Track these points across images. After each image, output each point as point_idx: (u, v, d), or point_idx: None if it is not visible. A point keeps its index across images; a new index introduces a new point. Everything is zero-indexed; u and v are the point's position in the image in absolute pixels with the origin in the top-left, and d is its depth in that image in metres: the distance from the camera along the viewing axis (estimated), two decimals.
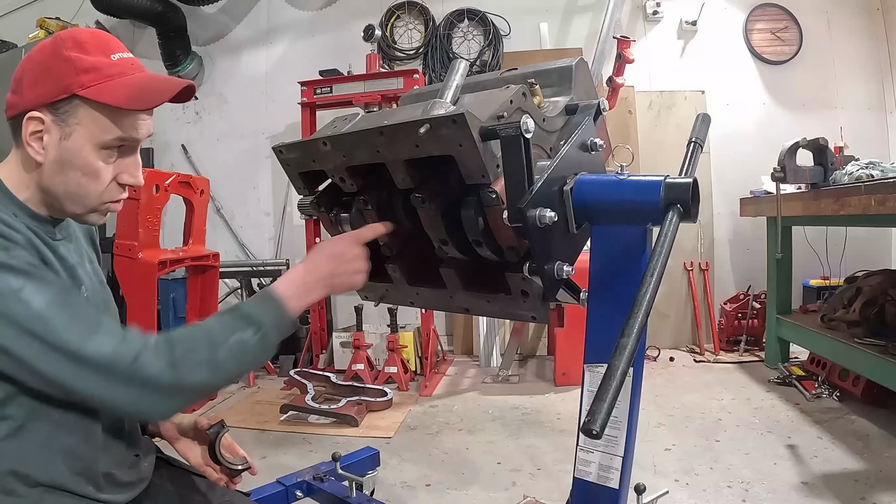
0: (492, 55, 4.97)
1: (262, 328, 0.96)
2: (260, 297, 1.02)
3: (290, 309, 1.01)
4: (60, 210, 1.00)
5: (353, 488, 1.83)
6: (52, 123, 0.93)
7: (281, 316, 1.00)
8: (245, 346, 0.94)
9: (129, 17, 5.01)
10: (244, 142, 5.28)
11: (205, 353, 0.91)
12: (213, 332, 0.94)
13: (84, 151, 0.95)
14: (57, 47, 0.94)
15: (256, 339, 0.95)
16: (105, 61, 0.94)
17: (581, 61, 1.30)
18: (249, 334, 0.95)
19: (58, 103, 0.92)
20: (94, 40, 0.96)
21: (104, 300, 1.13)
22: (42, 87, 0.93)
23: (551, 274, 1.03)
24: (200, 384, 0.92)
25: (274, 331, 0.98)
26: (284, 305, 1.00)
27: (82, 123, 0.93)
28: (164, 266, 3.19)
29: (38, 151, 0.94)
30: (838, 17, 4.88)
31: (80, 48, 0.94)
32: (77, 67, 0.92)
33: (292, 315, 1.02)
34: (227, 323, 0.96)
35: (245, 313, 0.97)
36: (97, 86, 0.92)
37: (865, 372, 2.98)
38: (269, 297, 1.01)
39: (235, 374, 0.98)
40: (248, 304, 1.00)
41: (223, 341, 0.93)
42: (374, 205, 1.20)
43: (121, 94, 0.93)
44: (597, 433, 0.71)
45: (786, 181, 3.28)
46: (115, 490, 1.05)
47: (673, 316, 4.69)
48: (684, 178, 0.99)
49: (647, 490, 1.69)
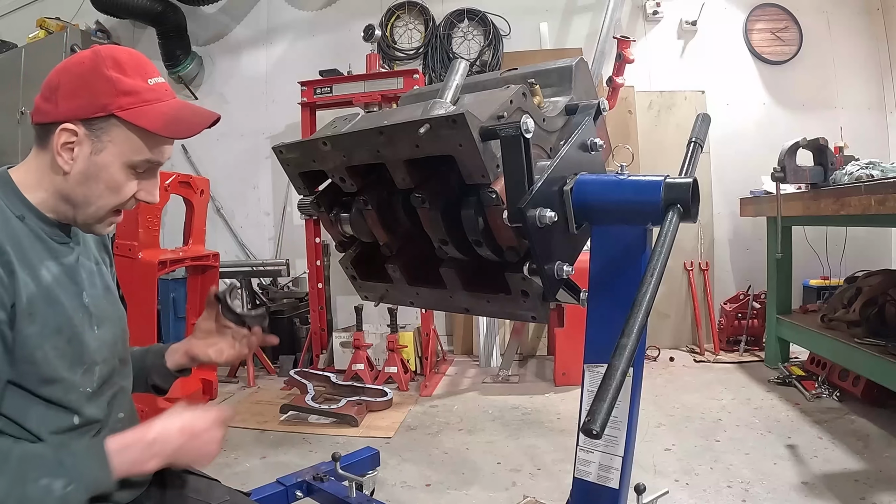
0: (492, 55, 4.97)
1: (72, 483, 0.88)
2: (91, 451, 0.94)
3: (115, 471, 0.93)
4: (71, 218, 1.02)
5: (353, 488, 1.83)
6: (86, 137, 0.96)
7: (102, 477, 0.92)
8: (50, 493, 0.87)
9: (129, 17, 5.01)
10: (244, 142, 5.29)
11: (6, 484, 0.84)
12: (27, 465, 0.87)
13: (112, 168, 0.98)
14: (97, 64, 0.96)
15: (63, 492, 0.87)
16: (143, 85, 0.98)
17: (581, 61, 1.30)
18: (60, 485, 0.87)
19: (94, 119, 0.96)
20: (133, 62, 0.99)
21: (111, 303, 1.13)
22: (80, 100, 0.95)
23: (551, 274, 1.03)
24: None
25: (85, 490, 0.90)
26: (110, 468, 0.92)
27: (115, 142, 0.97)
28: (164, 266, 3.19)
29: (67, 161, 0.97)
30: (838, 17, 4.88)
31: (120, 69, 0.97)
32: (117, 89, 0.96)
33: (114, 478, 0.93)
34: (46, 461, 0.89)
35: (66, 463, 0.89)
36: (135, 109, 0.96)
37: (865, 372, 2.98)
38: (99, 454, 0.93)
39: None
40: (76, 454, 0.92)
41: (31, 479, 0.86)
42: (374, 205, 1.20)
43: (158, 121, 0.97)
44: (597, 433, 0.71)
45: (786, 181, 3.28)
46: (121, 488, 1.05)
47: (673, 316, 4.69)
48: (684, 178, 0.99)
49: (647, 490, 1.69)
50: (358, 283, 1.40)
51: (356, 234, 1.30)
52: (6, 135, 4.96)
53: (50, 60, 4.94)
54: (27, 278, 0.94)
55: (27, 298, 0.93)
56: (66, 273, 1.02)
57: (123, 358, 1.15)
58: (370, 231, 1.26)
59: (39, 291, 0.95)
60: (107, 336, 1.08)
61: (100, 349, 1.05)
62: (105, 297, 1.12)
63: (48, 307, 0.96)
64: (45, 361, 0.94)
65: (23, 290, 0.93)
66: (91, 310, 1.05)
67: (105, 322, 1.09)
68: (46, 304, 0.96)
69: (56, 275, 1.00)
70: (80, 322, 1.02)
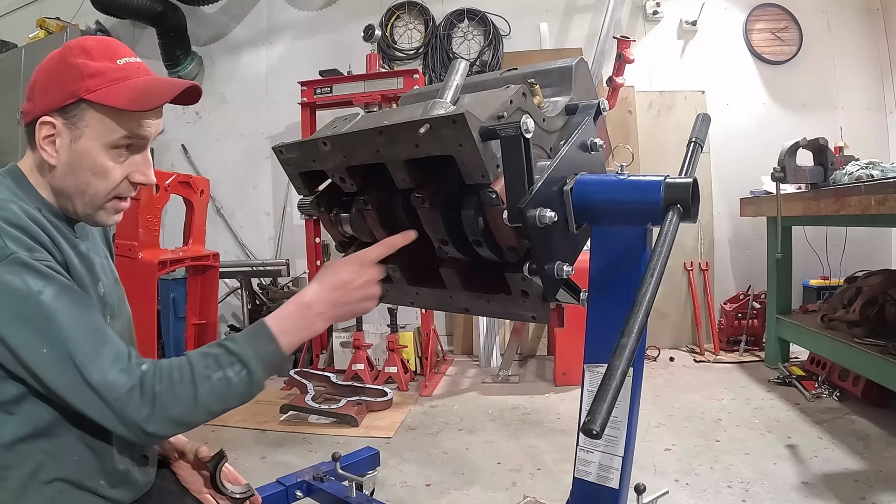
0: (492, 55, 4.97)
1: (247, 365, 0.93)
2: (251, 331, 0.98)
3: (282, 345, 0.97)
4: (73, 211, 1.03)
5: (353, 488, 1.83)
6: (63, 127, 0.97)
7: (270, 353, 0.96)
8: (229, 383, 0.92)
9: (129, 17, 5.01)
10: (244, 142, 5.29)
11: (186, 390, 0.90)
12: (197, 368, 0.92)
13: (93, 152, 0.98)
14: (64, 56, 0.98)
15: (242, 377, 0.93)
16: (110, 66, 0.98)
17: (581, 61, 1.30)
18: (234, 371, 0.92)
19: (67, 108, 0.97)
20: (100, 46, 1.00)
21: (119, 297, 1.15)
22: (52, 93, 0.97)
23: (551, 274, 1.03)
24: (181, 420, 0.91)
25: (261, 368, 0.95)
26: (276, 341, 0.97)
27: (90, 126, 0.98)
28: (164, 266, 3.19)
29: (51, 155, 0.98)
30: (838, 17, 4.88)
31: (87, 54, 0.98)
32: (83, 73, 0.96)
33: (284, 352, 0.98)
34: (212, 358, 0.93)
35: (231, 349, 0.94)
36: (102, 90, 0.96)
37: (865, 372, 2.98)
38: (260, 332, 0.97)
39: (219, 411, 0.95)
40: (238, 339, 0.96)
41: (206, 378, 0.91)
42: (374, 205, 1.20)
43: (124, 98, 0.97)
44: (597, 433, 0.71)
45: (786, 181, 3.28)
46: (126, 488, 1.07)
47: (673, 316, 4.69)
48: (684, 178, 0.99)
49: (647, 490, 1.69)
50: None
51: (356, 234, 1.30)
52: (6, 135, 4.95)
53: None
54: (65, 254, 0.97)
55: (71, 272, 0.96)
56: (82, 263, 1.03)
57: None
58: (370, 231, 1.25)
59: (74, 272, 0.98)
60: (117, 328, 1.09)
61: None
62: (116, 290, 1.14)
63: None
64: None
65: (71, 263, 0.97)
66: (106, 300, 1.07)
67: (117, 314, 1.11)
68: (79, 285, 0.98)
69: (77, 263, 1.01)
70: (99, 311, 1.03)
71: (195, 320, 3.65)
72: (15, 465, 0.92)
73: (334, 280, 1.03)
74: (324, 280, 1.03)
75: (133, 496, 1.09)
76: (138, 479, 1.10)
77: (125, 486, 1.06)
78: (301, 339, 1.01)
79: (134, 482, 1.09)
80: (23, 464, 0.92)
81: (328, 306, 1.02)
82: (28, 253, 0.88)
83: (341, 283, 1.03)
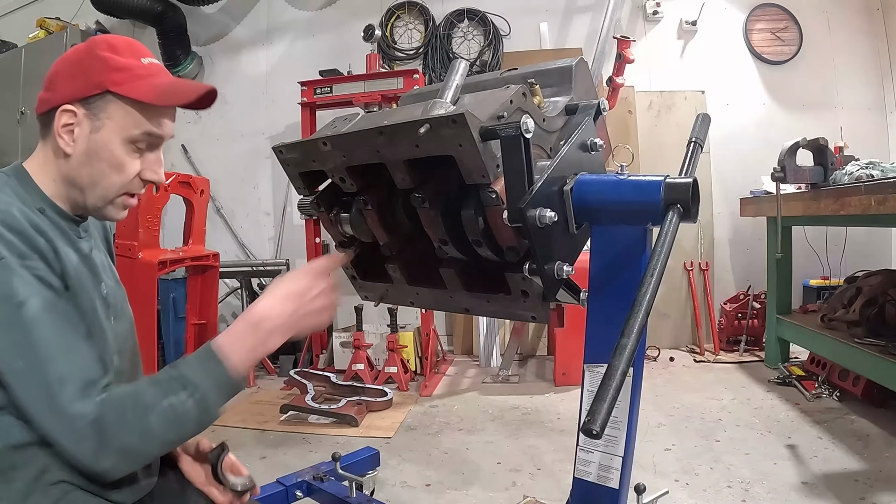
0: (492, 55, 4.97)
1: (198, 389, 0.89)
2: (201, 353, 0.94)
3: (234, 365, 0.93)
4: (82, 204, 1.03)
5: (353, 488, 1.84)
6: (84, 117, 0.98)
7: (222, 374, 0.92)
8: (178, 410, 0.88)
9: (129, 17, 5.01)
10: (244, 142, 5.29)
11: (138, 420, 0.87)
12: (148, 396, 0.88)
13: (112, 144, 0.99)
14: (91, 49, 1.00)
15: (192, 403, 0.89)
16: (136, 63, 1.01)
17: (581, 61, 1.30)
18: (185, 396, 0.88)
19: (90, 98, 0.98)
20: (126, 44, 1.03)
21: (122, 298, 1.15)
22: (76, 82, 0.98)
23: (551, 274, 1.03)
24: (134, 452, 0.89)
25: (213, 392, 0.91)
26: (225, 364, 0.92)
27: (112, 118, 0.99)
28: (164, 266, 3.19)
29: (68, 143, 0.99)
30: (838, 17, 4.88)
31: (113, 50, 1.00)
32: (110, 66, 0.98)
33: (237, 372, 0.93)
34: (163, 384, 0.90)
35: (181, 374, 0.91)
36: (129, 84, 0.98)
37: (865, 372, 2.97)
38: (210, 355, 0.93)
39: (175, 439, 0.93)
40: (188, 363, 0.93)
41: (156, 406, 0.88)
42: (374, 205, 1.20)
43: (151, 92, 0.99)
44: (597, 433, 0.71)
45: (786, 181, 3.28)
46: (128, 489, 1.07)
47: (673, 316, 4.68)
48: (684, 178, 0.99)
49: (647, 490, 1.69)
50: (358, 283, 1.40)
51: (356, 234, 1.30)
52: (6, 135, 4.96)
53: (50, 60, 4.91)
54: (63, 260, 0.96)
55: (72, 276, 0.96)
56: (85, 264, 1.03)
57: (134, 352, 1.17)
58: (370, 231, 1.26)
59: (74, 275, 0.98)
60: (121, 329, 1.10)
61: (116, 340, 1.07)
62: (118, 290, 1.14)
63: (81, 293, 0.98)
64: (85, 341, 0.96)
65: (68, 268, 0.96)
66: (109, 300, 1.07)
67: (120, 315, 1.11)
68: (80, 289, 0.98)
69: (78, 264, 1.01)
70: (102, 311, 1.04)
71: (195, 320, 3.66)
72: (22, 466, 0.92)
73: (287, 291, 0.99)
74: (275, 292, 0.99)
75: (135, 497, 1.09)
76: (140, 481, 1.10)
77: (128, 487, 1.06)
78: (256, 358, 0.96)
79: (136, 483, 1.09)
80: (29, 465, 0.92)
81: (281, 320, 0.97)
82: (19, 260, 0.87)
83: (295, 293, 0.99)
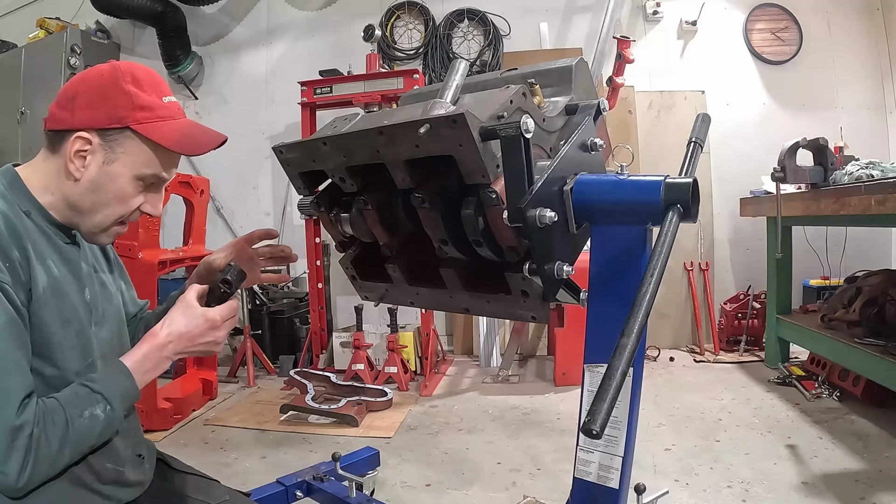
0: (492, 55, 4.97)
1: (110, 402, 0.96)
2: (111, 369, 1.01)
3: (138, 383, 1.01)
4: (75, 224, 1.05)
5: (353, 488, 1.83)
6: (99, 147, 0.99)
7: (128, 389, 1.00)
8: (95, 421, 0.94)
9: (129, 17, 5.01)
10: (244, 142, 5.28)
11: (60, 434, 0.90)
12: (68, 410, 0.92)
13: (122, 179, 1.02)
14: (116, 78, 1.00)
15: (105, 414, 0.95)
16: (159, 102, 1.03)
17: (581, 61, 1.30)
18: (100, 410, 0.95)
19: (109, 130, 0.99)
20: (150, 79, 1.04)
21: (107, 303, 1.14)
22: (98, 111, 0.99)
23: (551, 274, 1.03)
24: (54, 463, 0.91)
25: (120, 405, 0.98)
26: (132, 379, 1.00)
27: (128, 153, 1.01)
28: (164, 266, 3.19)
29: (78, 168, 1.00)
30: (838, 17, 4.88)
31: (138, 84, 1.01)
32: (135, 103, 0.99)
33: (138, 389, 1.02)
34: (79, 398, 0.95)
35: (95, 388, 0.96)
36: (151, 123, 1.01)
37: (865, 372, 2.98)
38: (119, 370, 1.00)
39: (85, 450, 0.97)
40: (98, 378, 0.98)
41: (76, 418, 0.92)
42: (374, 205, 1.20)
43: (172, 137, 1.02)
44: (597, 433, 0.71)
45: (786, 181, 3.28)
46: (123, 487, 1.08)
47: (673, 316, 4.68)
48: (684, 178, 0.99)
49: (647, 490, 1.69)
50: (358, 283, 1.40)
51: (356, 234, 1.30)
52: (6, 135, 4.96)
53: (50, 60, 4.95)
54: (40, 268, 0.97)
55: (42, 287, 0.96)
56: (69, 269, 1.04)
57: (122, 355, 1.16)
58: (370, 231, 1.25)
59: (51, 282, 0.98)
60: (105, 334, 1.11)
61: (100, 345, 1.08)
62: (103, 296, 1.13)
63: (59, 299, 0.99)
64: (59, 350, 0.98)
65: (39, 278, 0.96)
66: (91, 307, 1.08)
67: (103, 321, 1.11)
68: (58, 295, 0.99)
69: (62, 270, 1.02)
70: (84, 317, 1.05)
71: None
72: None
73: (186, 331, 1.05)
74: (176, 326, 1.05)
75: (131, 495, 1.10)
76: (133, 479, 1.11)
77: (122, 484, 1.08)
78: (152, 377, 1.04)
79: (130, 481, 1.10)
80: None
81: (175, 352, 1.05)
82: None
83: (191, 336, 1.06)
